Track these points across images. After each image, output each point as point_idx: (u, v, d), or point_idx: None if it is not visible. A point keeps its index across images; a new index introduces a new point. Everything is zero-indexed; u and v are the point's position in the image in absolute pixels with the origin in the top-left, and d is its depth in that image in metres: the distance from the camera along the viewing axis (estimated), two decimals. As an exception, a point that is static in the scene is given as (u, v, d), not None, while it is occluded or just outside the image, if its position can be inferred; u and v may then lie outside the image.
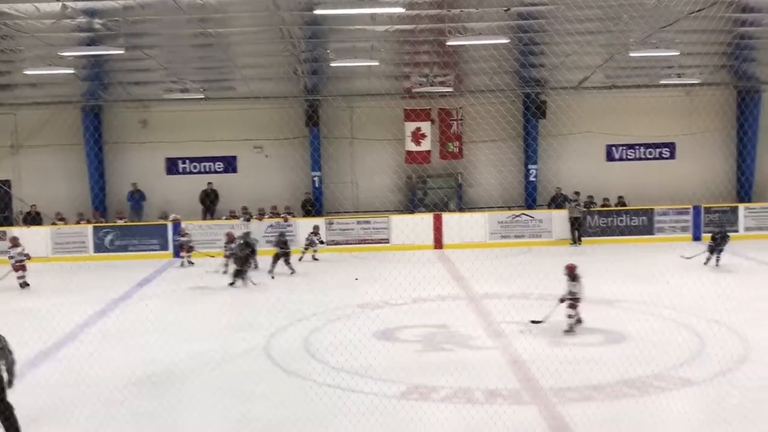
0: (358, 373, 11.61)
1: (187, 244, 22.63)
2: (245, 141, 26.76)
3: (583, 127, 26.41)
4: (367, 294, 16.54)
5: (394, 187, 26.91)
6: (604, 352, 12.43)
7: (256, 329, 14.23)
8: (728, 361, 11.69)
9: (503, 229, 25.04)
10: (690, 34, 21.01)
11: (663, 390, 10.66)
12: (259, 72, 24.14)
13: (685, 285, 16.84)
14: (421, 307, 15.87)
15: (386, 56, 22.66)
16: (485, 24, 18.88)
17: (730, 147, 26.95)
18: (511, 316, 14.83)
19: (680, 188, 25.80)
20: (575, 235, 24.71)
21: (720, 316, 14.14)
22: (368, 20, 18.84)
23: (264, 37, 20.66)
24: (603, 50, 22.04)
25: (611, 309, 15.36)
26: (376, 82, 25.17)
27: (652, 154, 27.62)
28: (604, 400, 10.27)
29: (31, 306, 16.66)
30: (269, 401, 10.40)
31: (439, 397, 10.58)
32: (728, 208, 25.28)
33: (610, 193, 26.27)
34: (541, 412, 9.99)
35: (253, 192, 26.22)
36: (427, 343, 13.32)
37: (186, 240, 22.69)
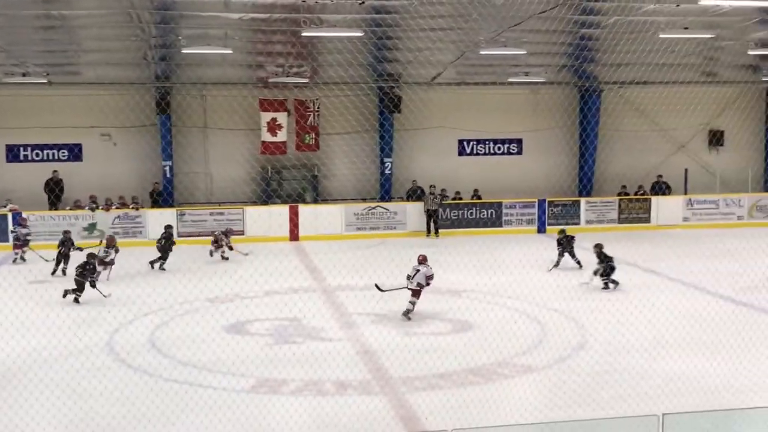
0: (206, 367, 11.39)
1: (24, 238, 20.76)
2: (92, 128, 25.62)
3: (436, 122, 26.99)
4: (218, 287, 16.25)
5: (249, 178, 26.54)
6: (451, 341, 12.74)
7: (99, 324, 13.69)
8: (567, 348, 12.27)
9: (359, 221, 25.20)
10: (536, 34, 21.75)
11: (506, 377, 11.05)
12: (107, 57, 23.14)
13: (528, 276, 17.58)
14: (273, 299, 15.74)
15: (240, 45, 22.24)
16: (340, 16, 18.86)
17: (572, 143, 28.22)
18: (363, 307, 14.98)
19: (527, 182, 26.80)
20: (431, 227, 25.19)
21: (560, 305, 14.81)
22: (222, 7, 18.43)
23: (111, 20, 19.80)
24: (454, 47, 22.52)
25: (459, 299, 15.77)
26: (230, 70, 24.71)
27: (501, 150, 28.55)
28: (451, 388, 10.54)
29: None
30: (111, 398, 10.03)
31: (289, 389, 10.54)
32: (570, 202, 26.48)
33: (462, 186, 26.93)
34: (390, 401, 10.13)
35: (100, 181, 25.17)
36: (278, 336, 13.23)
37: (25, 232, 21.06)
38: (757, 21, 20.81)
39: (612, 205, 26.62)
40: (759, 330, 13.16)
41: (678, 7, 18.25)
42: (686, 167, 28.34)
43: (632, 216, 26.57)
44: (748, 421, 8.06)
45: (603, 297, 15.67)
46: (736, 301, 15.42)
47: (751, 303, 15.20)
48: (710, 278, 16.58)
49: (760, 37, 22.60)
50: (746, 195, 27.54)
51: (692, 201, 27.03)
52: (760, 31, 21.96)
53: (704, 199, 27.10)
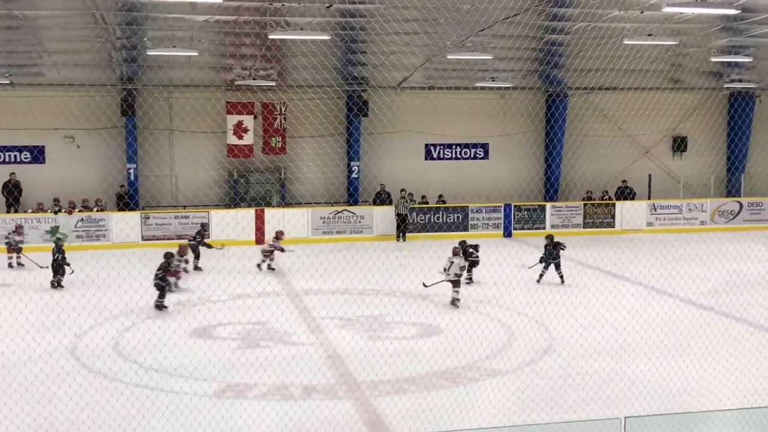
0: (171, 372, 11.26)
1: (17, 245, 20.29)
2: (55, 130, 25.27)
3: (404, 126, 27.00)
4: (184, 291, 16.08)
5: (215, 181, 26.34)
6: (418, 345, 12.73)
7: (60, 329, 13.46)
8: (533, 352, 12.31)
9: (325, 225, 25.14)
10: (504, 39, 21.90)
11: (473, 380, 11.05)
12: (71, 58, 22.85)
13: (496, 280, 17.62)
14: (239, 303, 15.61)
15: (207, 47, 22.11)
16: (307, 19, 18.81)
17: (539, 149, 28.40)
18: (329, 312, 14.92)
19: (493, 187, 26.90)
20: (400, 231, 25.19)
21: (527, 309, 14.86)
22: (188, 9, 18.28)
23: (76, 21, 19.57)
24: (422, 51, 22.58)
25: (426, 302, 15.77)
26: (196, 72, 24.52)
27: (468, 154, 28.64)
28: (418, 392, 10.52)
29: None
30: (73, 403, 9.85)
31: (255, 394, 10.45)
32: (536, 207, 26.64)
33: (428, 190, 26.98)
34: (356, 406, 10.08)
35: (63, 184, 24.83)
36: (245, 340, 13.12)
37: (18, 239, 20.50)
38: (719, 28, 21.16)
39: (577, 209, 26.83)
40: (721, 333, 13.31)
41: (642, 14, 18.50)
42: (650, 173, 28.66)
43: (597, 221, 26.82)
44: (709, 424, 8.15)
45: (569, 301, 15.77)
46: (698, 304, 15.60)
47: (713, 307, 15.39)
48: (673, 282, 16.75)
49: (722, 45, 22.97)
50: (708, 200, 27.92)
51: (656, 206, 27.34)
52: (722, 39, 22.32)
53: (668, 204, 27.43)
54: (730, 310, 15.10)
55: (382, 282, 17.64)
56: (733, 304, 15.56)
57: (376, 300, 16.05)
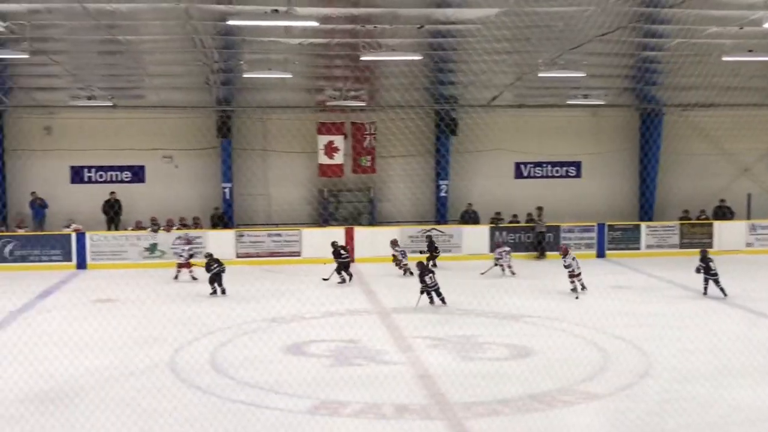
0: (265, 388, 11.43)
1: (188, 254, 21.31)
2: (154, 150, 26.17)
3: (493, 144, 26.86)
4: (277, 308, 16.35)
5: (306, 200, 26.77)
6: (510, 366, 12.58)
7: (160, 344, 13.85)
8: (630, 376, 12.01)
9: (414, 244, 25.14)
10: (596, 57, 21.65)
11: (568, 404, 10.85)
12: (170, 81, 23.70)
13: (590, 301, 17.33)
14: (330, 321, 15.76)
15: (300, 69, 22.58)
16: (398, 40, 19.02)
17: (633, 167, 27.82)
18: (420, 331, 14.91)
19: (585, 206, 26.48)
20: (540, 249, 25.13)
21: (623, 332, 14.53)
22: (282, 32, 18.75)
23: (175, 45, 20.32)
24: (513, 70, 22.49)
25: (517, 324, 15.59)
26: (289, 94, 25.03)
27: (559, 173, 28.29)
28: (511, 414, 10.39)
29: None
30: (172, 418, 10.11)
31: (348, 412, 10.51)
32: (631, 226, 26.07)
33: (518, 209, 26.74)
34: (449, 427, 10.02)
35: (162, 203, 25.64)
36: (337, 358, 13.23)
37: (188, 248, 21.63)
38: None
39: (673, 229, 26.12)
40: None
41: (741, 29, 18.00)
42: (749, 192, 27.68)
43: (694, 241, 25.98)
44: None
45: (666, 324, 15.35)
46: (805, 329, 14.96)
47: (821, 332, 14.74)
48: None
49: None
50: (813, 221, 26.80)
51: (755, 226, 26.39)
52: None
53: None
54: (840, 335, 14.42)
55: (473, 303, 17.60)
56: (842, 329, 14.86)
57: (467, 320, 15.96)
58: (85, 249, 23.63)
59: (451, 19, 17.47)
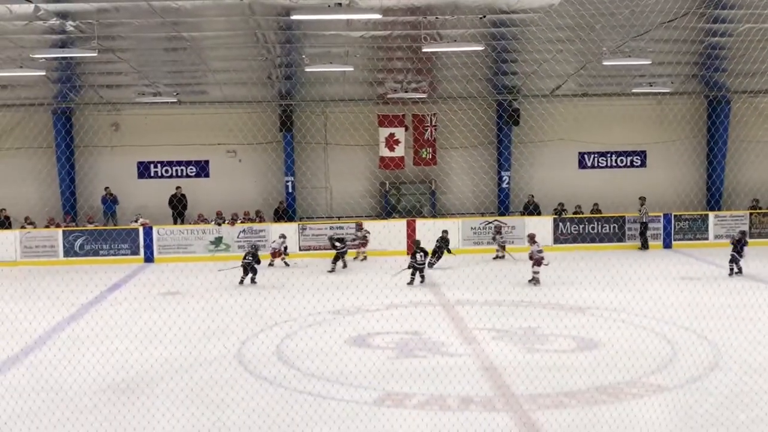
0: (331, 379, 11.55)
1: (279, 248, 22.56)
2: (218, 145, 26.60)
3: (556, 134, 26.59)
4: (341, 300, 16.47)
5: (368, 192, 26.91)
6: (576, 358, 12.47)
7: (227, 336, 14.12)
8: (699, 368, 11.80)
9: (476, 236, 25.09)
10: (662, 44, 21.20)
11: (636, 396, 10.71)
12: (233, 76, 24.00)
13: (656, 292, 17.06)
14: (394, 313, 15.83)
15: (361, 62, 22.63)
16: (460, 31, 18.90)
17: (700, 156, 27.24)
18: (483, 323, 14.88)
19: (651, 196, 25.99)
20: (643, 241, 24.92)
21: (690, 323, 14.28)
22: (343, 26, 18.80)
23: (238, 41, 20.53)
24: (576, 59, 22.16)
25: (583, 316, 15.44)
26: (350, 87, 25.13)
27: (624, 162, 27.85)
28: (578, 407, 10.30)
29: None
30: (240, 409, 10.30)
31: (413, 403, 10.55)
32: (698, 216, 25.54)
33: (582, 200, 26.42)
34: (514, 419, 9.99)
35: (226, 197, 26.07)
36: (401, 350, 13.29)
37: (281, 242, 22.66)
38: None
39: (743, 219, 25.51)
40: None
41: (815, 11, 17.44)
42: (822, 179, 26.87)
43: (765, 231, 25.38)
44: None
45: (736, 315, 15.01)
46: None
47: None
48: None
49: None
50: None
51: (830, 214, 25.60)
52: None
53: (843, 213, 25.62)
54: None
55: (539, 293, 17.49)
56: None
57: (532, 312, 15.87)
58: (152, 243, 24.19)
59: (513, 8, 17.28)
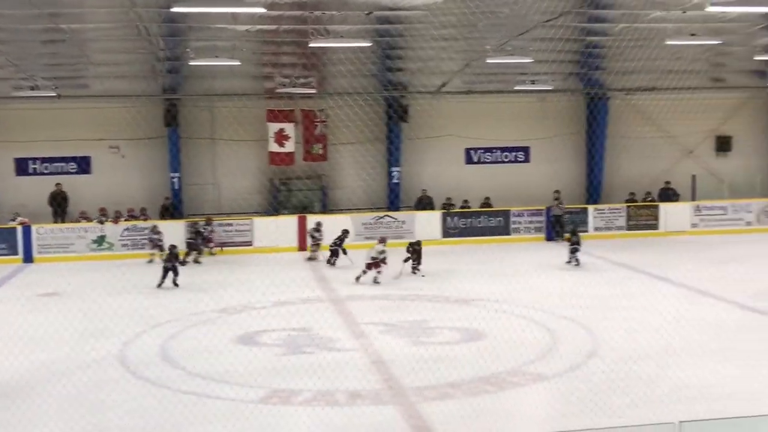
0: (216, 378, 11.40)
1: (157, 242, 21.98)
2: (100, 141, 25.69)
3: (444, 130, 26.97)
4: (227, 298, 16.27)
5: (257, 188, 26.58)
6: (461, 350, 12.72)
7: (108, 337, 13.69)
8: (577, 356, 12.24)
9: (367, 231, 25.18)
10: (543, 43, 21.82)
11: (517, 385, 11.03)
12: (115, 69, 23.29)
13: (539, 283, 17.57)
14: (282, 310, 15.73)
15: (248, 56, 22.37)
16: (347, 27, 18.98)
17: (580, 151, 28.17)
18: (372, 318, 14.98)
19: (534, 190, 26.74)
20: (558, 232, 25.26)
21: (571, 313, 14.78)
22: (229, 19, 18.56)
23: (119, 33, 20.01)
24: (461, 56, 22.58)
25: (468, 307, 15.75)
26: (237, 81, 24.77)
27: (508, 158, 28.51)
28: (463, 397, 10.52)
29: None
30: (122, 410, 10.04)
31: (300, 400, 10.53)
32: (578, 210, 26.44)
33: (469, 195, 26.91)
34: (401, 411, 10.11)
35: (109, 194, 25.20)
36: (289, 347, 13.23)
37: (157, 238, 22.03)
38: (762, 27, 20.86)
39: (620, 212, 26.55)
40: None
41: (685, 14, 18.33)
42: (694, 173, 28.24)
43: (640, 223, 26.49)
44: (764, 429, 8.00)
45: (612, 305, 15.63)
46: (745, 306, 15.36)
47: (760, 309, 15.14)
48: (719, 284, 16.51)
49: (765, 43, 22.61)
50: (754, 200, 27.43)
51: (700, 207, 26.94)
52: (766, 37, 21.98)
53: (712, 205, 27.00)
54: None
55: (424, 288, 17.72)
56: (781, 306, 15.28)
57: (419, 305, 16.07)
58: (31, 242, 23.18)
59: (398, 5, 17.48)
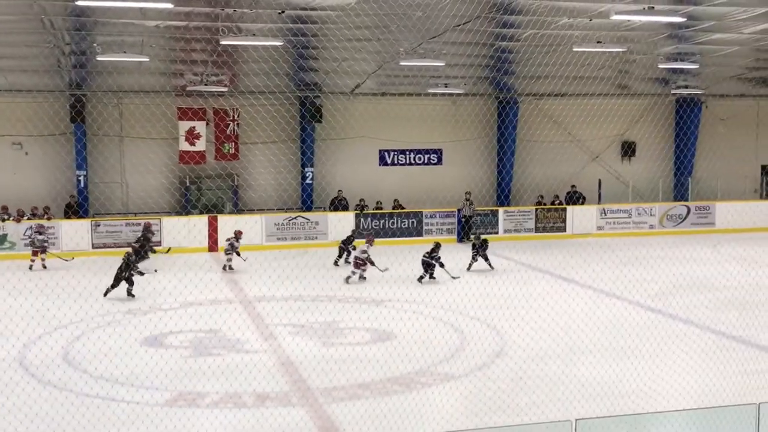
0: (121, 381, 11.14)
1: (41, 244, 20.94)
2: (2, 137, 24.81)
3: (358, 132, 27.08)
4: (134, 300, 15.91)
5: (167, 188, 26.07)
6: (371, 350, 12.76)
7: (7, 338, 13.16)
8: (485, 356, 12.43)
9: (279, 231, 25.05)
10: (455, 46, 22.08)
11: (426, 385, 11.12)
12: (18, 63, 22.49)
13: (449, 284, 17.76)
14: (191, 311, 15.45)
15: (158, 52, 21.90)
16: (259, 25, 18.78)
17: (491, 154, 28.68)
18: (282, 319, 14.88)
19: (447, 192, 27.06)
20: (468, 233, 25.43)
21: (480, 314, 15.00)
22: (137, 14, 18.11)
23: (23, 26, 19.27)
24: (374, 58, 22.66)
25: (379, 308, 15.82)
26: (147, 78, 24.25)
27: (422, 160, 28.80)
28: (371, 398, 10.55)
29: None
30: (23, 414, 9.69)
31: (208, 402, 10.39)
32: (489, 212, 26.88)
33: (383, 196, 27.05)
34: (310, 412, 10.08)
35: (11, 192, 24.32)
36: (196, 349, 13.03)
37: (42, 239, 21.01)
38: (666, 36, 21.61)
39: (529, 214, 27.14)
40: (668, 335, 13.60)
41: (591, 21, 18.80)
42: (600, 177, 29.11)
43: (548, 225, 27.15)
44: (657, 425, 8.30)
45: (520, 305, 15.90)
46: (647, 307, 15.89)
47: (660, 309, 15.69)
48: (622, 285, 17.02)
49: (668, 52, 23.45)
50: (657, 204, 28.43)
51: (606, 210, 27.76)
52: (669, 46, 22.79)
53: (617, 209, 27.87)
54: (677, 312, 15.41)
55: (336, 288, 17.71)
56: (680, 306, 15.87)
57: (330, 306, 16.05)
58: (-73, 241, 22.25)
59: (311, 4, 17.39)
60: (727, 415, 7.78)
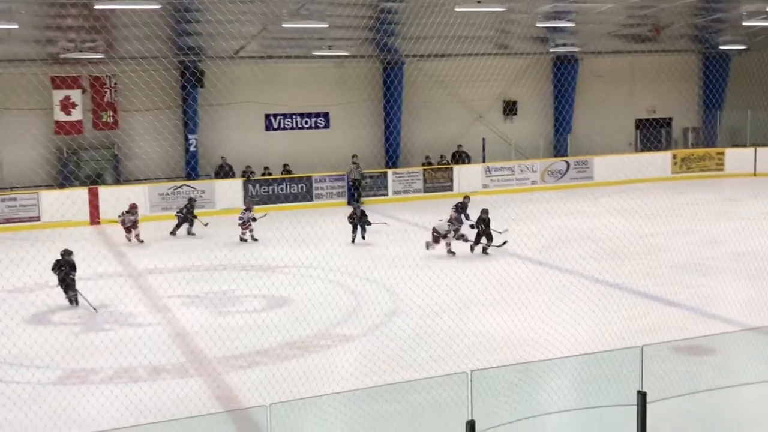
0: (9, 361, 10.76)
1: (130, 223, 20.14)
2: None
3: (243, 96, 26.61)
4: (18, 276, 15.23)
5: (43, 160, 24.98)
6: (267, 316, 12.70)
7: None
8: (382, 315, 12.60)
9: (164, 201, 24.47)
10: (339, 7, 21.94)
11: (325, 347, 11.21)
12: None
13: (342, 248, 17.85)
14: (79, 287, 14.94)
15: (28, 19, 20.83)
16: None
17: (378, 116, 28.77)
18: (174, 290, 14.61)
19: (336, 156, 27.03)
20: (356, 195, 25.31)
21: (373, 275, 15.16)
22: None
23: None
24: (258, 19, 22.22)
25: (274, 274, 15.75)
26: (17, 46, 23.04)
27: (309, 124, 28.60)
28: (270, 363, 10.55)
29: None
30: None
31: (100, 378, 10.17)
32: (378, 174, 27.05)
33: (270, 162, 26.77)
34: (207, 382, 10.00)
35: None
36: (86, 325, 12.68)
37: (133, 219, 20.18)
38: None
39: (417, 175, 27.47)
40: (555, 286, 14.13)
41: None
42: (484, 137, 29.68)
43: (436, 185, 27.55)
44: (548, 372, 8.68)
45: (413, 264, 16.17)
46: (533, 260, 16.43)
47: (547, 261, 16.26)
48: (509, 240, 17.46)
49: (546, 11, 24.00)
50: (539, 161, 29.27)
51: (490, 168, 28.39)
52: (547, 5, 23.31)
53: (501, 167, 28.55)
54: (563, 263, 16.00)
55: (230, 256, 17.50)
56: (565, 258, 16.48)
57: (225, 275, 15.87)
58: None
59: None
60: (614, 359, 8.18)
